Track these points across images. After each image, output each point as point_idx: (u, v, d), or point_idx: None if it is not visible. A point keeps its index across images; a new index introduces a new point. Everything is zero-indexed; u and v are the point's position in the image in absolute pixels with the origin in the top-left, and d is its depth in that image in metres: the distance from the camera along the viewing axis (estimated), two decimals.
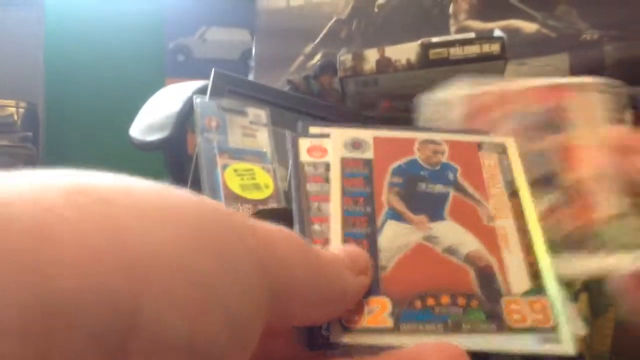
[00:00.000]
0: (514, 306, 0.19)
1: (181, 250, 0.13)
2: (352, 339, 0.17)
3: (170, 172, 0.86)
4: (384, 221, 0.20)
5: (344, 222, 0.20)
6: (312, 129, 0.23)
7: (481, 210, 0.21)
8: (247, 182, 0.67)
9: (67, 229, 0.11)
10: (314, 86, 0.93)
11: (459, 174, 0.22)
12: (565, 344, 0.18)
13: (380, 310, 0.18)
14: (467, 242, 0.20)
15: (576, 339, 0.18)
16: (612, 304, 0.21)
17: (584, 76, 0.24)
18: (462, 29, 0.94)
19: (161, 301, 0.12)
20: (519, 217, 0.21)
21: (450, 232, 0.20)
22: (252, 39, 1.19)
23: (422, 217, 0.20)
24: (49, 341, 0.09)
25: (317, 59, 1.02)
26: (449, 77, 0.86)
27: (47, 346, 0.09)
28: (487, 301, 0.19)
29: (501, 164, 0.22)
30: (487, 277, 0.19)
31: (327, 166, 0.21)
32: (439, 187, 0.21)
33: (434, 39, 0.85)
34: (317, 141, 0.22)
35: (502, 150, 0.22)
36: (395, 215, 0.20)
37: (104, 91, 1.71)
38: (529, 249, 0.20)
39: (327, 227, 0.19)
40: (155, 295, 0.11)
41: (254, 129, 0.72)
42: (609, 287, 0.20)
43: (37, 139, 1.61)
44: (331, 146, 0.22)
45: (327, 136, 0.22)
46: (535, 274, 0.20)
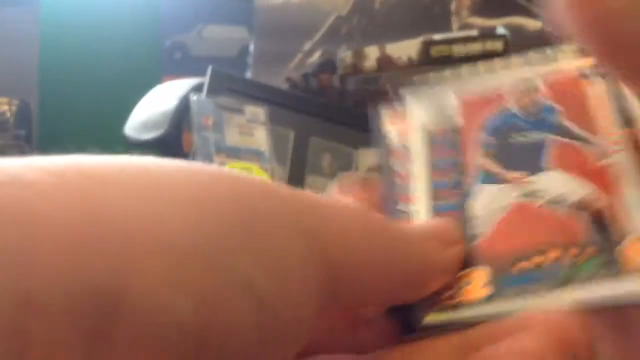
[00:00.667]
0: (635, 245, 0.16)
1: (185, 226, 0.12)
2: (446, 317, 0.15)
3: None
4: (478, 187, 0.18)
5: (433, 196, 0.18)
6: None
7: (589, 148, 0.18)
8: None
9: (47, 207, 0.10)
10: (313, 84, 0.92)
11: (562, 115, 0.19)
12: None
13: (477, 281, 0.16)
14: (575, 188, 0.17)
15: None
16: None
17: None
18: (464, 26, 0.92)
19: (153, 282, 0.11)
20: (636, 147, 0.18)
21: (554, 182, 0.18)
22: (250, 37, 1.17)
23: (519, 173, 0.18)
24: (27, 330, 0.09)
25: (316, 56, 1.01)
26: None
27: (26, 335, 0.09)
28: (605, 246, 0.16)
29: (610, 92, 0.19)
30: (603, 221, 0.17)
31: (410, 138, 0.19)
32: (537, 135, 0.19)
33: (436, 36, 0.84)
34: (400, 109, 0.20)
35: (607, 73, 0.20)
36: (489, 178, 0.18)
37: (99, 89, 1.70)
38: None
39: (415, 207, 0.17)
40: (144, 275, 0.10)
41: (252, 127, 0.70)
42: None
43: (31, 137, 1.60)
44: (413, 114, 0.20)
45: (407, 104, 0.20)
46: None
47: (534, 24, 0.95)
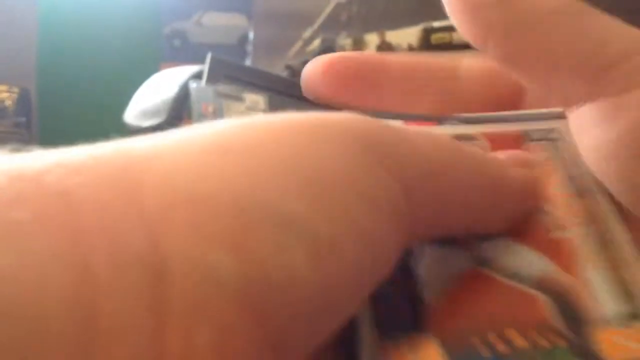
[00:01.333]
0: (607, 336, 0.15)
1: (216, 173, 0.11)
2: None
3: None
4: (423, 249, 0.16)
5: None
6: None
7: (544, 219, 0.16)
8: None
9: (87, 192, 0.10)
10: None
11: None
12: None
13: (425, 355, 0.14)
14: (533, 263, 0.15)
15: None
16: None
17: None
18: None
19: (187, 238, 0.10)
20: (596, 220, 0.16)
21: (508, 253, 0.16)
22: (249, 24, 1.17)
23: (468, 239, 0.15)
24: (95, 308, 0.09)
25: (316, 43, 1.00)
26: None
27: (92, 314, 0.09)
28: (572, 334, 0.15)
29: (558, 156, 0.17)
30: (564, 303, 0.15)
31: None
32: None
33: (436, 24, 0.83)
34: None
35: (557, 136, 0.18)
36: (436, 241, 0.16)
37: (98, 77, 1.69)
38: (615, 262, 0.16)
39: None
40: (177, 232, 0.10)
41: (252, 114, 0.70)
42: None
43: (30, 124, 1.59)
44: None
45: None
46: (627, 293, 0.15)
47: None
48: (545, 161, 0.17)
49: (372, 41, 0.85)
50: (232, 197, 0.10)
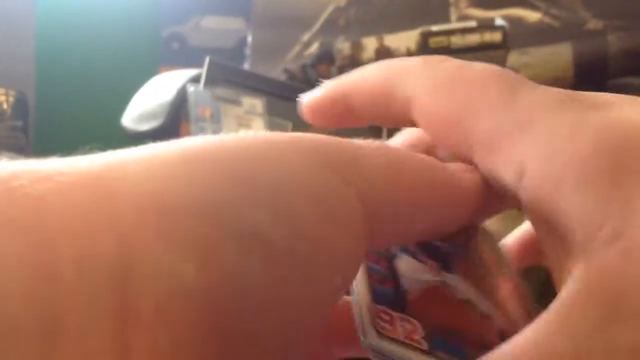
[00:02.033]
0: None
1: (182, 182, 0.11)
2: (388, 347, 0.15)
3: None
4: (397, 253, 0.17)
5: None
6: None
7: (488, 280, 0.18)
8: None
9: (57, 198, 0.10)
10: (312, 75, 0.91)
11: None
12: None
13: (412, 328, 0.15)
14: (481, 302, 0.17)
15: None
16: None
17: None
18: (463, 17, 0.92)
19: (153, 245, 0.10)
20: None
21: (463, 287, 0.18)
22: (248, 27, 1.17)
23: (433, 263, 0.18)
24: (58, 308, 0.09)
25: (314, 47, 1.00)
26: None
27: (56, 313, 0.09)
28: None
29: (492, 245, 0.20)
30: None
31: None
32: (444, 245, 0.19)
33: (434, 28, 0.83)
34: None
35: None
36: (408, 251, 0.18)
37: (97, 80, 1.69)
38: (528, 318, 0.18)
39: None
40: (144, 239, 0.10)
41: (249, 118, 0.70)
42: None
43: (27, 128, 1.59)
44: None
45: None
46: None
47: (533, 16, 0.95)
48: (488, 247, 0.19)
49: (370, 45, 0.85)
50: (197, 207, 0.11)
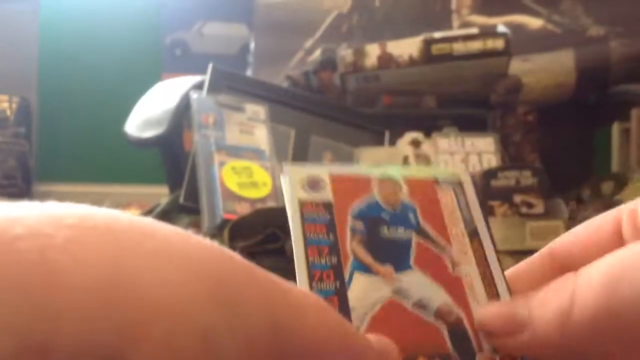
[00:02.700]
0: None
1: (185, 298, 0.12)
2: None
3: (166, 169, 0.85)
4: (351, 274, 0.18)
5: (311, 277, 0.18)
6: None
7: (445, 256, 0.19)
8: (244, 180, 0.66)
9: (68, 262, 0.11)
10: (314, 82, 0.92)
11: (419, 215, 0.20)
12: None
13: None
14: (435, 294, 0.18)
15: None
16: None
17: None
18: (465, 24, 0.92)
19: (151, 352, 0.11)
20: (482, 261, 0.20)
21: (418, 284, 0.18)
22: (250, 34, 1.17)
23: (388, 268, 0.18)
24: None
25: (317, 54, 1.00)
26: (452, 72, 0.84)
27: None
28: None
29: (458, 200, 0.21)
30: (459, 334, 0.18)
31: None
32: (401, 232, 0.20)
33: (437, 34, 0.84)
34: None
35: (459, 184, 0.21)
36: (361, 266, 0.18)
37: (99, 87, 1.69)
38: (494, 297, 0.19)
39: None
40: (145, 345, 0.11)
41: (252, 125, 0.70)
42: None
43: (30, 134, 1.60)
44: (286, 187, 0.20)
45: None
46: None
47: (535, 23, 0.95)
48: (451, 201, 0.21)
49: (372, 52, 0.86)
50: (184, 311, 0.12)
